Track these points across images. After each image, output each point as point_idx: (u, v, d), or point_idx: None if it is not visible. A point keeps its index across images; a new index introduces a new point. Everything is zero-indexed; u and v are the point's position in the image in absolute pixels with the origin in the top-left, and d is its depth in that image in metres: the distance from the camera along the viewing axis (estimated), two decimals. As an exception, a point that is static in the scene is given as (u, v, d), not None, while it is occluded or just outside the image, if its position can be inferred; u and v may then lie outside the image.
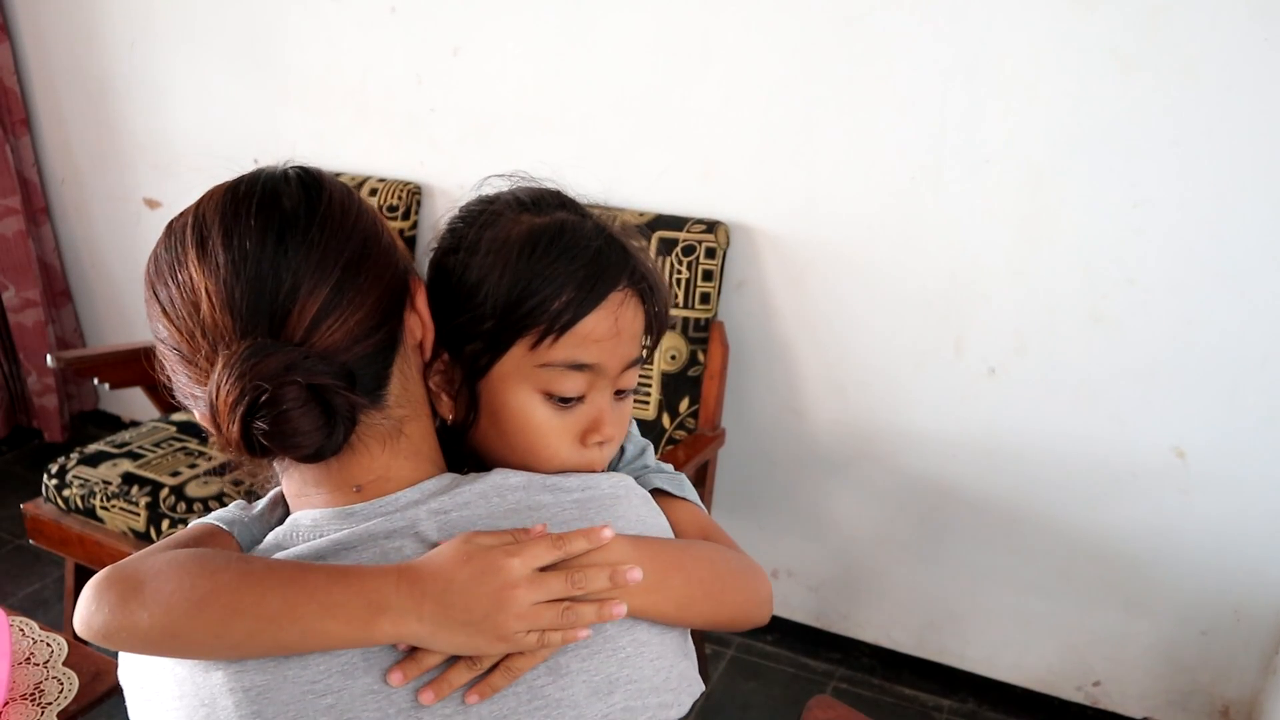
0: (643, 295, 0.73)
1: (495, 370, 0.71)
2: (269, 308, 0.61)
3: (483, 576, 0.61)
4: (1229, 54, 1.47)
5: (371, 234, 0.67)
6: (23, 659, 1.11)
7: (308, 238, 0.63)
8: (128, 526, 1.75)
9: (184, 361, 0.65)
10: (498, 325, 0.70)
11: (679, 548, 0.72)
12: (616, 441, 0.75)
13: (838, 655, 2.11)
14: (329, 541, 0.65)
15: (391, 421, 0.67)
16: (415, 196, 2.16)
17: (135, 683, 0.67)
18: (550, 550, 0.63)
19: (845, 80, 1.72)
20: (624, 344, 0.72)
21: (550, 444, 0.72)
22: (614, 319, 0.71)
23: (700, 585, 0.72)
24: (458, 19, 2.03)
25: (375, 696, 0.61)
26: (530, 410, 0.71)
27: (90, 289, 2.89)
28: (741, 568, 0.76)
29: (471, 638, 0.61)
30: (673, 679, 0.70)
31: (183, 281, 0.63)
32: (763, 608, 0.78)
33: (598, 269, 0.70)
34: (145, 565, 0.64)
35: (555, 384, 0.70)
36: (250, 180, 0.66)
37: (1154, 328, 1.63)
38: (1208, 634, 1.77)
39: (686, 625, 0.73)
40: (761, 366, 1.97)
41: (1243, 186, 1.52)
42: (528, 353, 0.70)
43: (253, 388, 0.59)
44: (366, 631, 0.60)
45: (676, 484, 0.81)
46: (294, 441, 0.61)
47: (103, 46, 2.50)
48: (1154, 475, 1.71)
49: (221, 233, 0.63)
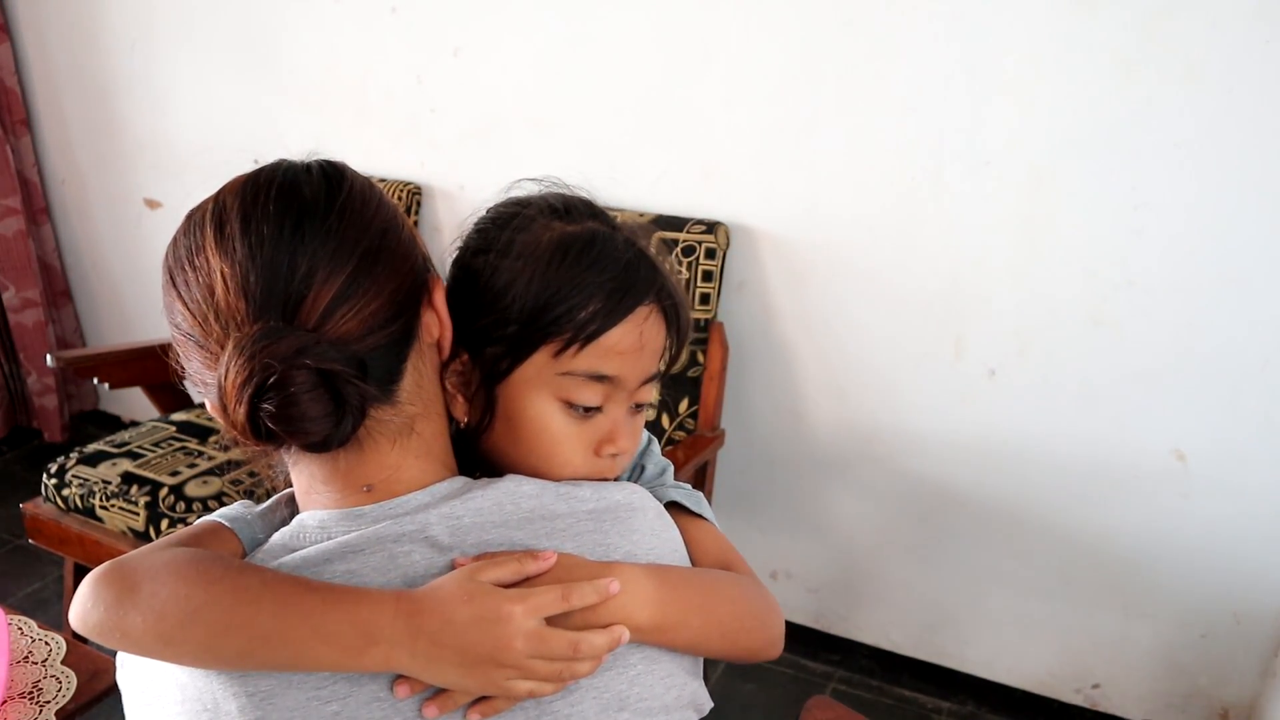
0: (667, 313, 0.73)
1: (516, 375, 0.71)
2: (283, 292, 0.61)
3: (482, 623, 0.59)
4: (1230, 56, 1.47)
5: (391, 226, 0.66)
6: (21, 657, 1.11)
7: (326, 225, 0.63)
8: (127, 526, 1.75)
9: (197, 347, 0.64)
10: (523, 330, 0.69)
11: (703, 587, 0.72)
12: (629, 455, 0.75)
13: (837, 657, 2.11)
14: (337, 544, 0.64)
15: (403, 419, 0.67)
16: (415, 197, 2.16)
17: (136, 685, 0.67)
18: (557, 603, 0.62)
19: (846, 82, 1.72)
20: (645, 359, 0.72)
21: (564, 452, 0.71)
22: (639, 333, 0.71)
23: (718, 626, 0.71)
24: (458, 19, 2.03)
25: (381, 705, 0.61)
26: (548, 418, 0.71)
27: (90, 289, 2.89)
28: (760, 607, 0.76)
29: (462, 679, 0.60)
30: (684, 698, 0.69)
31: (199, 266, 0.63)
32: (775, 646, 0.77)
33: (627, 282, 0.70)
34: (144, 564, 0.64)
35: (575, 393, 0.70)
36: (271, 169, 0.66)
37: (1155, 330, 1.63)
38: (1207, 637, 1.77)
39: (697, 656, 0.73)
40: (761, 368, 1.97)
41: (1244, 189, 1.52)
42: (550, 360, 0.69)
43: (261, 368, 0.58)
44: (356, 661, 0.59)
45: (695, 500, 0.81)
46: (301, 427, 0.60)
47: (103, 47, 2.51)
48: (1154, 478, 1.71)
49: (240, 219, 0.62)
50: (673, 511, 0.78)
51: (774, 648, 0.77)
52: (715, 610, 0.71)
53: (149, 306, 2.76)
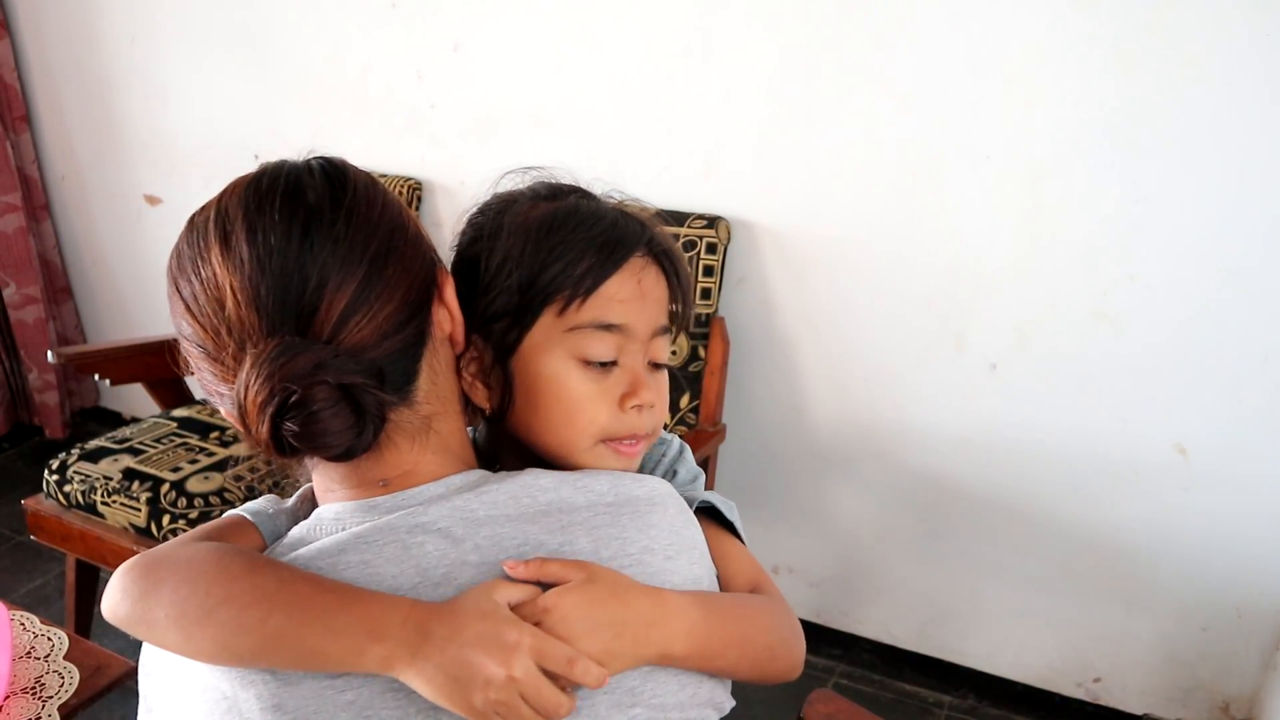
0: (662, 264, 0.74)
1: (526, 343, 0.71)
2: (296, 304, 0.61)
3: (486, 644, 0.58)
4: (1231, 49, 1.46)
5: (398, 225, 0.66)
6: (24, 653, 1.11)
7: (333, 231, 0.62)
8: (129, 522, 1.75)
9: (208, 358, 0.64)
10: (523, 298, 0.70)
11: (744, 618, 0.71)
12: (659, 411, 0.74)
13: (838, 651, 2.11)
14: (350, 535, 0.64)
15: (420, 418, 0.67)
16: (416, 192, 2.16)
17: (157, 673, 0.67)
18: (560, 663, 0.59)
19: (846, 75, 1.72)
20: (650, 307, 0.72)
21: (588, 410, 0.71)
22: (636, 281, 0.72)
23: (751, 657, 0.71)
24: (458, 14, 2.03)
25: (395, 695, 0.61)
26: (565, 377, 0.71)
27: (91, 285, 2.89)
28: (788, 635, 0.75)
29: (452, 695, 0.58)
30: (700, 696, 0.69)
31: (206, 278, 0.62)
32: (796, 670, 0.77)
33: (616, 235, 0.72)
34: (170, 559, 0.65)
35: (586, 347, 0.70)
36: (273, 173, 0.65)
37: (1155, 324, 1.63)
38: (1208, 630, 1.77)
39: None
40: (762, 362, 1.97)
41: (1245, 182, 1.52)
42: (556, 319, 0.70)
43: (282, 389, 0.58)
44: (358, 657, 0.59)
45: (729, 509, 0.80)
46: (324, 442, 0.60)
47: (103, 43, 2.50)
48: (1155, 471, 1.71)
49: (245, 227, 0.62)
50: (705, 519, 0.77)
51: (795, 671, 0.76)
52: (752, 642, 0.71)
53: (149, 302, 2.76)
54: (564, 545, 0.65)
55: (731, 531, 0.81)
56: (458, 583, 0.63)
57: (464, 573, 0.63)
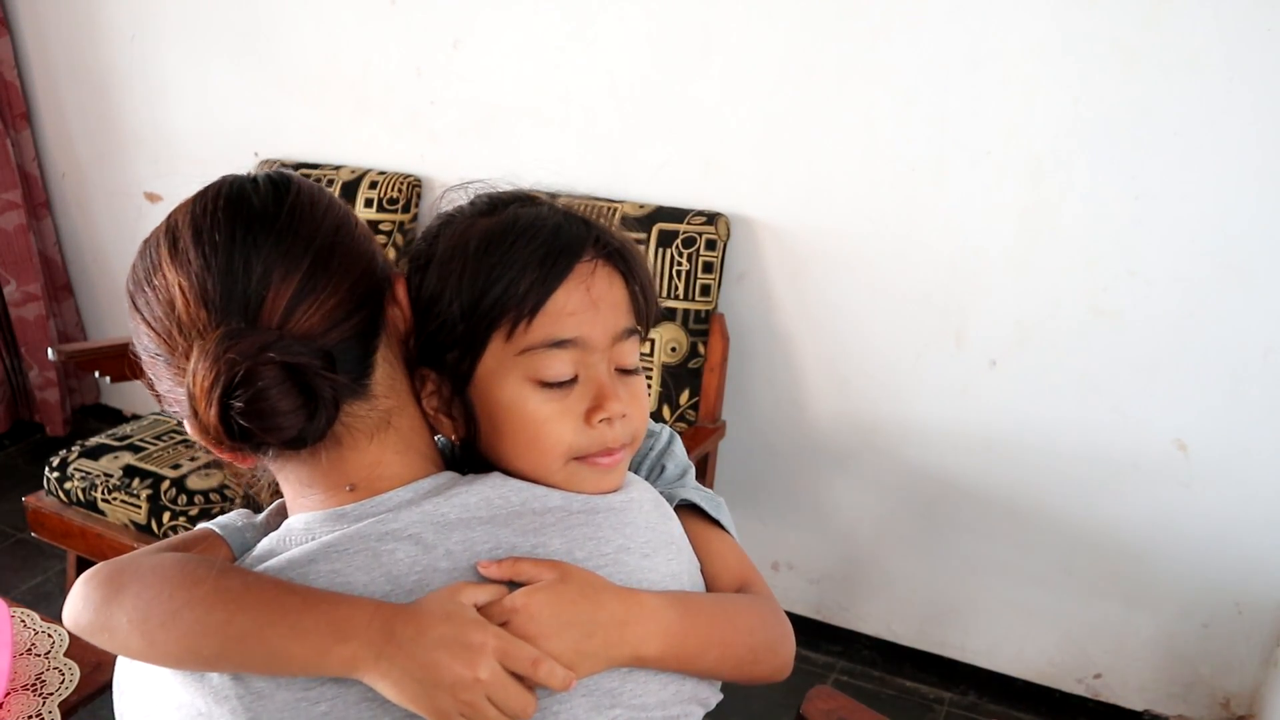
0: (615, 263, 0.70)
1: (479, 371, 0.68)
2: (243, 296, 0.61)
3: (451, 645, 0.58)
4: (1231, 44, 1.46)
5: (343, 224, 0.66)
6: (24, 650, 1.11)
7: (276, 227, 0.63)
8: (129, 519, 1.76)
9: (165, 364, 0.64)
10: (469, 325, 0.67)
11: (724, 620, 0.69)
12: (633, 420, 0.70)
13: (838, 648, 2.11)
14: (320, 544, 0.63)
15: (379, 413, 0.66)
16: (415, 189, 2.16)
17: (130, 684, 0.67)
18: (525, 664, 0.59)
19: (846, 71, 1.72)
20: (605, 314, 0.68)
21: (553, 431, 0.67)
22: (585, 289, 0.67)
23: (732, 659, 0.70)
24: (457, 11, 2.03)
25: (370, 705, 0.60)
26: (523, 402, 0.67)
27: (91, 283, 2.89)
28: (775, 636, 0.74)
29: (417, 698, 0.58)
30: (683, 693, 0.68)
31: (158, 285, 0.63)
32: (784, 670, 0.75)
33: (557, 244, 0.67)
34: (134, 567, 0.65)
35: (541, 368, 0.66)
36: (217, 185, 0.66)
37: (1155, 319, 1.63)
38: (1209, 626, 1.77)
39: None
40: (762, 359, 1.97)
41: (1245, 178, 1.51)
42: (505, 343, 0.67)
43: (227, 367, 0.58)
44: (322, 658, 0.58)
45: (714, 505, 0.78)
46: (273, 423, 0.59)
47: (103, 40, 2.50)
48: (1155, 467, 1.70)
49: (192, 232, 0.63)
50: (690, 515, 0.76)
51: (783, 673, 0.75)
52: (733, 644, 0.70)
53: (150, 300, 2.76)
54: (537, 547, 0.65)
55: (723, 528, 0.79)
56: (430, 590, 0.62)
57: (436, 580, 0.63)
